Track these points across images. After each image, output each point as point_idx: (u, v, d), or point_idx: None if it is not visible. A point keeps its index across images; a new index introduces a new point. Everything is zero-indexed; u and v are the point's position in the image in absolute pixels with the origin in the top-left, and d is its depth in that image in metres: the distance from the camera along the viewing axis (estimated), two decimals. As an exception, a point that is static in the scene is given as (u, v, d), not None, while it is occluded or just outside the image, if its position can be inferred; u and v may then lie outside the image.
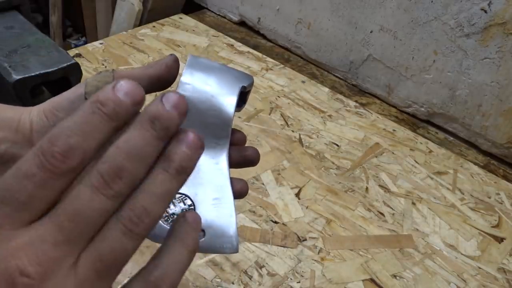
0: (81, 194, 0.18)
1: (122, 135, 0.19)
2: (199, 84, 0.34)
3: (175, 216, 0.32)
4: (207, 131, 0.34)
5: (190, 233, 0.22)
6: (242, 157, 0.36)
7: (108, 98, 0.19)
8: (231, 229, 0.32)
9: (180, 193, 0.33)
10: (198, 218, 0.23)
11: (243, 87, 0.36)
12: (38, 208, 0.18)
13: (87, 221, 0.18)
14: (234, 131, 0.36)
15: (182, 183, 0.21)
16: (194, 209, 0.32)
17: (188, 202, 0.32)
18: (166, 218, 0.32)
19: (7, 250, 0.17)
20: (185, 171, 0.20)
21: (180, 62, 0.34)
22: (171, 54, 0.34)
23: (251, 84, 0.37)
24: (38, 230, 0.18)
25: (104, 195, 0.18)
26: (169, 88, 0.34)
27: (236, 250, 0.32)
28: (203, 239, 0.32)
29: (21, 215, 0.18)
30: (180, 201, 0.32)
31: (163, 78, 0.33)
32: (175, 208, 0.32)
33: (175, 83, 0.34)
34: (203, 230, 0.32)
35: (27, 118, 0.30)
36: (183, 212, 0.30)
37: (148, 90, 0.33)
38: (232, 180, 0.34)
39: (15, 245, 0.17)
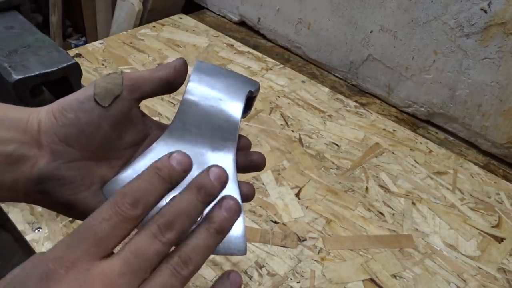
0: (143, 238, 0.23)
1: (176, 196, 0.25)
2: (207, 89, 0.35)
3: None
4: (214, 135, 0.34)
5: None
6: (248, 161, 0.36)
7: (164, 166, 0.25)
8: (240, 232, 0.32)
9: None
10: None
11: (250, 92, 0.36)
12: (111, 245, 0.23)
13: (146, 258, 0.23)
14: (239, 136, 0.36)
15: (220, 240, 0.26)
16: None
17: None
18: None
19: (85, 279, 0.22)
20: (223, 231, 0.26)
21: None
22: (179, 58, 0.34)
23: (258, 89, 0.37)
24: (110, 263, 0.23)
25: (160, 241, 0.24)
26: (177, 91, 0.34)
27: (244, 253, 0.32)
28: None
29: (98, 250, 0.23)
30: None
31: (172, 81, 0.33)
32: None
33: (183, 86, 0.35)
34: None
35: (36, 118, 0.30)
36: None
37: (156, 92, 0.33)
38: (239, 183, 0.34)
39: (92, 275, 0.22)
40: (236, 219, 0.26)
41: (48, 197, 0.30)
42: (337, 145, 0.80)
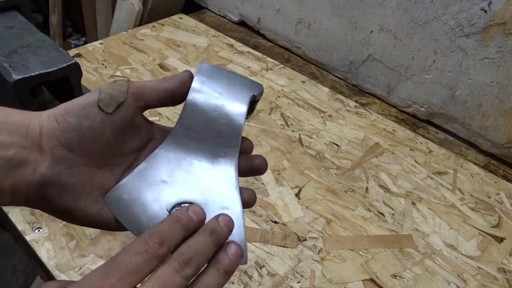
0: (167, 272, 0.27)
1: (193, 238, 0.29)
2: (210, 92, 0.34)
3: None
4: (217, 140, 0.34)
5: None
6: (249, 165, 0.36)
7: (184, 216, 0.30)
8: (241, 242, 0.32)
9: (190, 203, 0.33)
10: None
11: (253, 96, 0.35)
12: (140, 277, 0.26)
13: None
14: (242, 138, 0.36)
15: (227, 279, 0.30)
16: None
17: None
18: None
19: None
20: (230, 272, 0.30)
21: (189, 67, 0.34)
22: (186, 71, 0.34)
23: (261, 93, 0.37)
24: None
25: (181, 274, 0.27)
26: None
27: (245, 262, 0.32)
28: None
29: (129, 280, 0.26)
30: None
31: (177, 93, 0.33)
32: None
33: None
34: None
35: (37, 123, 0.30)
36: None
37: (161, 103, 0.33)
38: (240, 189, 0.34)
39: None
40: (239, 262, 0.31)
41: (49, 203, 0.30)
42: (337, 145, 0.80)
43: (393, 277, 0.59)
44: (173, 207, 0.32)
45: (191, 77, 0.34)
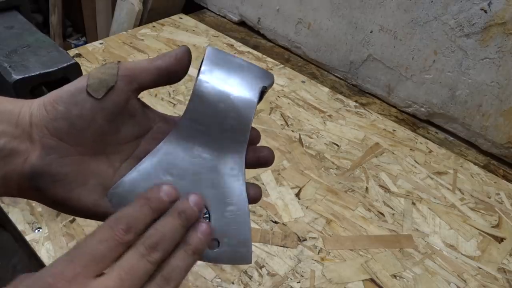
0: (133, 258, 0.26)
1: (160, 220, 0.28)
2: (218, 83, 0.32)
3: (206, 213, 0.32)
4: (224, 135, 0.32)
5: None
6: (256, 157, 0.34)
7: (153, 197, 0.29)
8: (246, 240, 0.31)
9: None
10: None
11: (264, 88, 0.33)
12: (105, 265, 0.26)
13: (137, 276, 0.26)
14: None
15: (196, 259, 0.29)
16: (209, 217, 0.32)
17: (203, 210, 0.31)
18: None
19: None
20: (199, 251, 0.29)
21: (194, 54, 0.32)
22: (182, 46, 0.32)
23: (271, 83, 0.35)
24: (105, 280, 0.25)
25: (148, 260, 0.26)
26: (181, 82, 0.32)
27: (249, 262, 0.31)
28: (217, 249, 0.31)
29: (95, 268, 0.25)
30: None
31: (172, 71, 0.31)
32: None
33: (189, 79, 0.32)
34: (217, 241, 0.31)
35: (27, 111, 0.29)
36: (197, 223, 0.30)
37: (156, 83, 0.31)
38: (246, 185, 0.33)
39: None
40: (209, 240, 0.30)
41: (42, 194, 0.29)
42: (337, 145, 0.80)
43: (393, 277, 0.59)
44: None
45: (187, 53, 0.32)
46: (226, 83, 0.32)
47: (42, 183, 0.29)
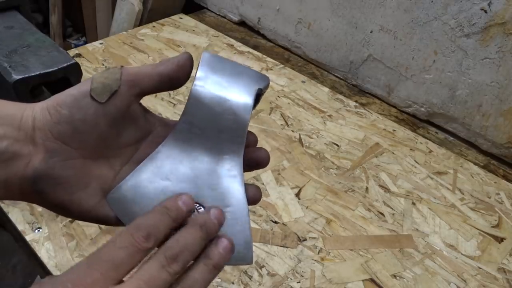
0: (153, 267, 0.26)
1: (181, 231, 0.28)
2: (214, 86, 0.33)
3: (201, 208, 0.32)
4: (221, 136, 0.33)
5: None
6: (252, 159, 0.34)
7: (172, 206, 0.29)
8: (246, 241, 0.31)
9: (194, 203, 0.31)
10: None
11: (259, 90, 0.34)
12: (124, 272, 0.25)
13: (156, 285, 0.25)
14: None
15: (216, 274, 0.29)
16: None
17: (202, 211, 0.31)
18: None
19: None
20: (219, 267, 0.29)
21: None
22: (185, 53, 0.32)
23: (267, 86, 0.35)
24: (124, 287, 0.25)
25: (167, 271, 0.26)
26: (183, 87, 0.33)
27: (250, 262, 0.31)
28: None
29: (114, 275, 0.25)
30: (194, 211, 0.31)
31: (174, 77, 0.32)
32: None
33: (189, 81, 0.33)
34: None
35: (30, 115, 0.29)
36: (210, 207, 0.30)
37: (158, 89, 0.32)
38: (245, 186, 0.33)
39: None
40: (229, 256, 0.29)
41: (43, 197, 0.30)
42: (337, 145, 0.80)
43: (393, 277, 0.59)
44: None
45: (189, 60, 0.32)
46: (221, 86, 0.33)
47: (44, 186, 0.29)
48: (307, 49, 1.04)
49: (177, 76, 0.32)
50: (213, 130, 0.33)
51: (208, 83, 0.33)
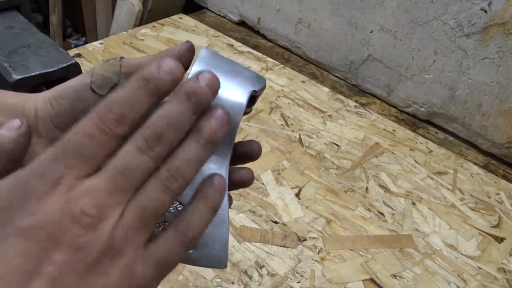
0: (129, 153, 0.22)
1: (164, 105, 0.23)
2: None
3: (166, 224, 0.30)
4: None
5: (214, 194, 0.26)
6: (245, 152, 0.34)
7: (153, 76, 0.22)
8: (223, 244, 0.30)
9: (176, 202, 0.31)
10: (224, 183, 0.26)
11: (254, 92, 0.33)
12: (95, 163, 0.22)
13: (133, 175, 0.22)
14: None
15: (210, 152, 0.24)
16: None
17: (182, 209, 0.30)
18: (158, 225, 0.30)
19: (70, 195, 0.21)
20: (212, 142, 0.24)
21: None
22: (186, 42, 0.31)
23: (263, 88, 0.34)
24: (95, 181, 0.21)
25: (147, 155, 0.22)
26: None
27: (224, 266, 0.30)
28: (192, 251, 0.30)
29: (82, 167, 0.21)
30: (174, 209, 0.31)
31: None
32: (168, 215, 0.30)
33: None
34: None
35: (32, 105, 0.30)
36: (212, 174, 0.27)
37: None
38: (234, 169, 0.32)
39: (77, 192, 0.21)
40: (224, 131, 0.24)
41: None
42: (337, 145, 0.80)
43: (393, 277, 0.59)
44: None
45: (188, 50, 0.31)
46: None
47: None
48: (307, 49, 1.04)
49: None
50: None
51: None
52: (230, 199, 0.34)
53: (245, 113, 0.34)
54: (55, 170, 0.21)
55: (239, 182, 0.34)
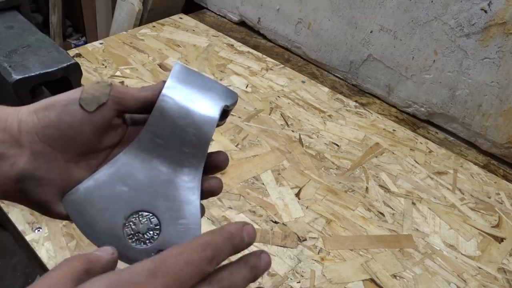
0: None
1: (236, 267, 0.28)
2: (181, 99, 0.33)
3: (140, 235, 0.31)
4: (183, 149, 0.33)
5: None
6: (213, 162, 0.36)
7: (237, 234, 0.28)
8: None
9: (148, 212, 0.32)
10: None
11: (226, 106, 0.34)
12: None
13: None
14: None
15: None
16: (160, 229, 0.32)
17: (155, 221, 0.32)
18: (131, 236, 0.31)
19: None
20: None
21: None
22: (164, 81, 0.34)
23: (235, 103, 0.36)
24: None
25: None
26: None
27: None
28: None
29: None
30: (147, 220, 0.32)
31: (155, 103, 0.33)
32: (141, 226, 0.32)
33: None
34: None
35: (15, 118, 0.30)
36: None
37: (141, 111, 0.34)
38: (204, 179, 0.34)
39: None
40: None
41: (26, 196, 0.31)
42: (337, 145, 0.80)
43: (393, 277, 0.59)
44: (131, 214, 0.32)
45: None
46: (188, 99, 0.33)
47: (28, 186, 0.30)
48: (307, 49, 1.04)
49: None
50: (176, 142, 0.33)
51: (176, 95, 0.33)
52: (203, 209, 0.35)
53: (218, 125, 0.34)
54: (152, 284, 0.24)
55: (209, 191, 0.35)
